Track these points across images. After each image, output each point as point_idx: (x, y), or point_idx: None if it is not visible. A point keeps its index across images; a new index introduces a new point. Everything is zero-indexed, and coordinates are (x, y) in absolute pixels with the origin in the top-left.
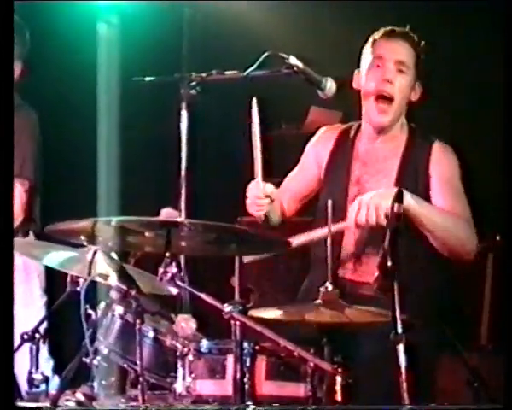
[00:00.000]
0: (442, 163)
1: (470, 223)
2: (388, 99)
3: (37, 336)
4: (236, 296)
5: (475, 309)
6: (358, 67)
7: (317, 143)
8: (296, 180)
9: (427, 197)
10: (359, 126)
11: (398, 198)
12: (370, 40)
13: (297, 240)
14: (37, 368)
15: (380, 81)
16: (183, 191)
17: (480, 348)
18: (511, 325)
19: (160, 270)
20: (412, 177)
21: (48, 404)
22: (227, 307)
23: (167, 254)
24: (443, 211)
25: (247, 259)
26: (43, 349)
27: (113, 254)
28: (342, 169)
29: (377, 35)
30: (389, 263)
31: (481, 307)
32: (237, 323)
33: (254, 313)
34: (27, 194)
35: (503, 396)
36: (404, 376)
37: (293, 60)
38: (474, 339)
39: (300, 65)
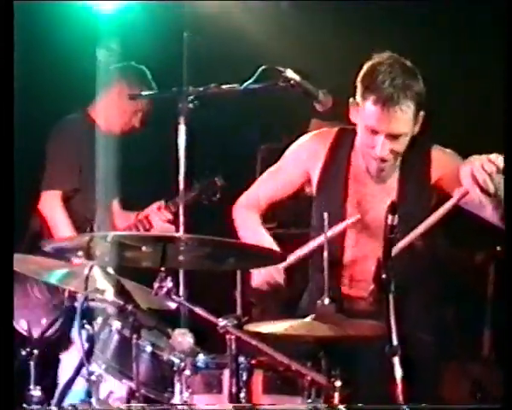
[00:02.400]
0: (447, 164)
1: None
2: (385, 161)
3: (35, 352)
4: (238, 310)
5: (477, 319)
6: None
7: (305, 147)
8: (275, 180)
9: (429, 204)
10: (354, 137)
11: (392, 210)
12: (361, 89)
13: (293, 256)
14: (35, 385)
15: (373, 155)
16: (181, 205)
17: (483, 359)
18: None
19: (156, 284)
20: (414, 188)
21: None
22: (222, 322)
23: (163, 269)
24: None
25: None
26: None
27: (110, 269)
28: (339, 187)
29: (373, 94)
30: (384, 276)
31: (483, 318)
32: (232, 337)
33: (251, 327)
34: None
35: (503, 396)
36: (399, 388)
37: (289, 73)
38: (477, 349)
39: (297, 78)
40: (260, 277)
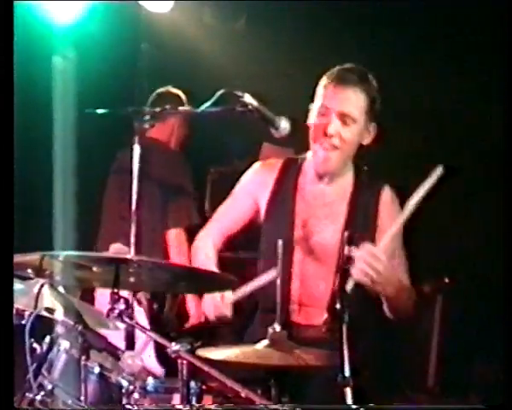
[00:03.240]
0: (391, 211)
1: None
2: (333, 147)
3: None
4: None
5: (423, 351)
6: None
7: (253, 179)
8: (227, 216)
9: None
10: (302, 162)
11: (350, 241)
12: (323, 80)
13: (242, 291)
14: None
15: (323, 133)
16: (133, 227)
17: (427, 391)
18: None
19: (108, 306)
20: (361, 223)
21: None
22: (174, 346)
23: (115, 291)
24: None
25: None
26: None
27: (61, 289)
28: (286, 209)
29: (328, 78)
30: (338, 305)
31: (429, 349)
32: (184, 362)
33: (202, 352)
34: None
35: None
36: None
37: (247, 98)
38: (422, 381)
39: (255, 103)
40: (210, 308)
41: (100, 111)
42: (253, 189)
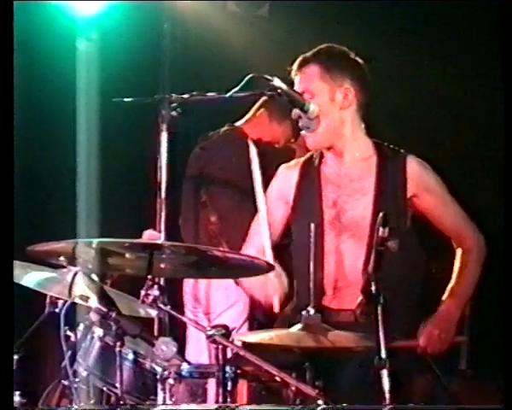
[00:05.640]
0: (421, 177)
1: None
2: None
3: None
4: None
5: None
6: None
7: (279, 182)
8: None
9: (405, 213)
10: (322, 153)
11: (384, 222)
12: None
13: None
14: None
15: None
16: (163, 213)
17: (460, 373)
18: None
19: (142, 292)
20: (391, 193)
21: None
22: (209, 331)
23: (149, 277)
24: None
25: None
26: None
27: (94, 276)
28: (314, 194)
29: (293, 72)
30: (373, 288)
31: (462, 332)
32: (220, 347)
33: (237, 336)
34: None
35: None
36: (387, 401)
37: (277, 82)
38: (454, 364)
39: (284, 87)
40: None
41: (127, 100)
42: (281, 192)
